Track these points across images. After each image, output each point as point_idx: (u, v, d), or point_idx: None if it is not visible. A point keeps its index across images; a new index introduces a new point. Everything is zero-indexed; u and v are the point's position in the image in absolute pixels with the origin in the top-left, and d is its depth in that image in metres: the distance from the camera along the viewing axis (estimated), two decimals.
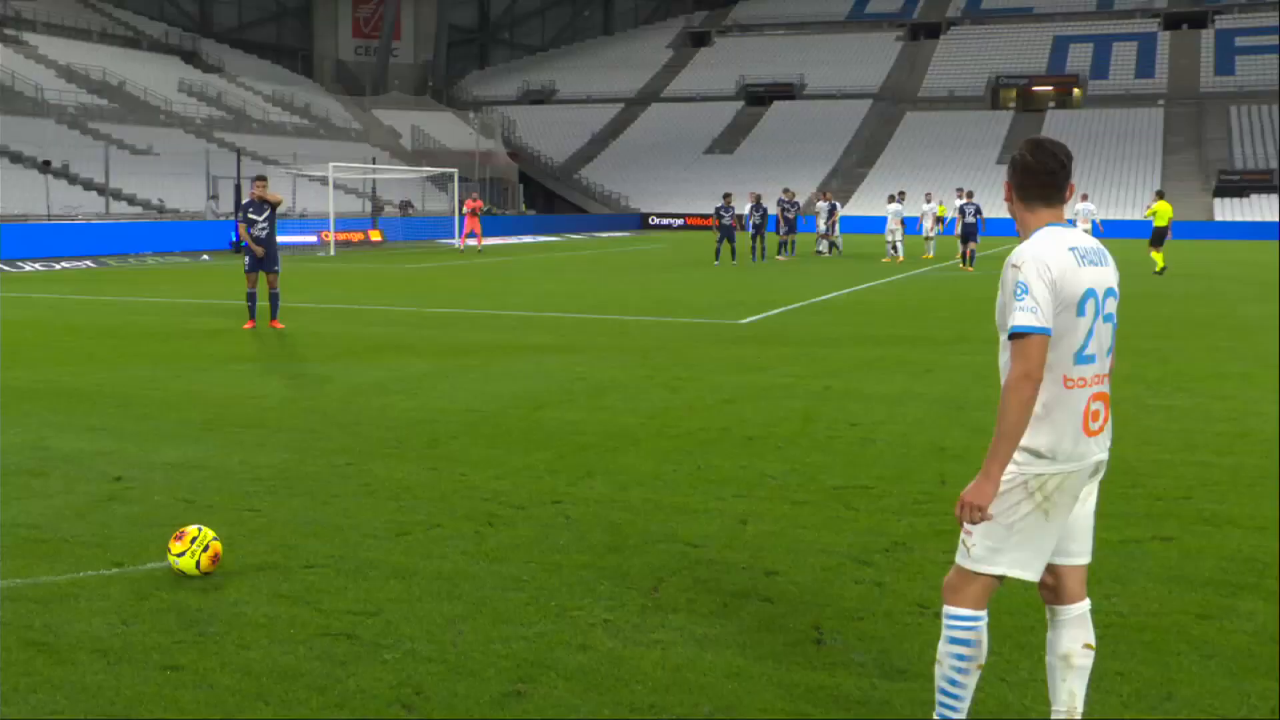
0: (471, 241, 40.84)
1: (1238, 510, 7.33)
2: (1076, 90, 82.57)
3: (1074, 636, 4.03)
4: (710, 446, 9.14)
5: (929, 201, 39.97)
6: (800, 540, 6.69)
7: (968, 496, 3.83)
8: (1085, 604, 4.07)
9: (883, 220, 40.53)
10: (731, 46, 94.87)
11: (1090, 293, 3.84)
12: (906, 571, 6.15)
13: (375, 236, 45.79)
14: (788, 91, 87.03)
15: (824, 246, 39.46)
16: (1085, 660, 4.02)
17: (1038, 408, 3.81)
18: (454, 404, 10.89)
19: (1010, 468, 3.84)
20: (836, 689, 4.70)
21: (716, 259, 34.32)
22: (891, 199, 38.24)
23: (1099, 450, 3.94)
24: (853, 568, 6.21)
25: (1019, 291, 3.77)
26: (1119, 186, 66.96)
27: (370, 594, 5.76)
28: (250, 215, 16.53)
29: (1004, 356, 3.94)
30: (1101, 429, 3.94)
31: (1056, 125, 77.39)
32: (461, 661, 4.95)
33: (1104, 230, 37.92)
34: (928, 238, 39.60)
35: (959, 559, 4.00)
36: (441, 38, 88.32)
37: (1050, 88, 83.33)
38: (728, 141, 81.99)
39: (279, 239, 17.20)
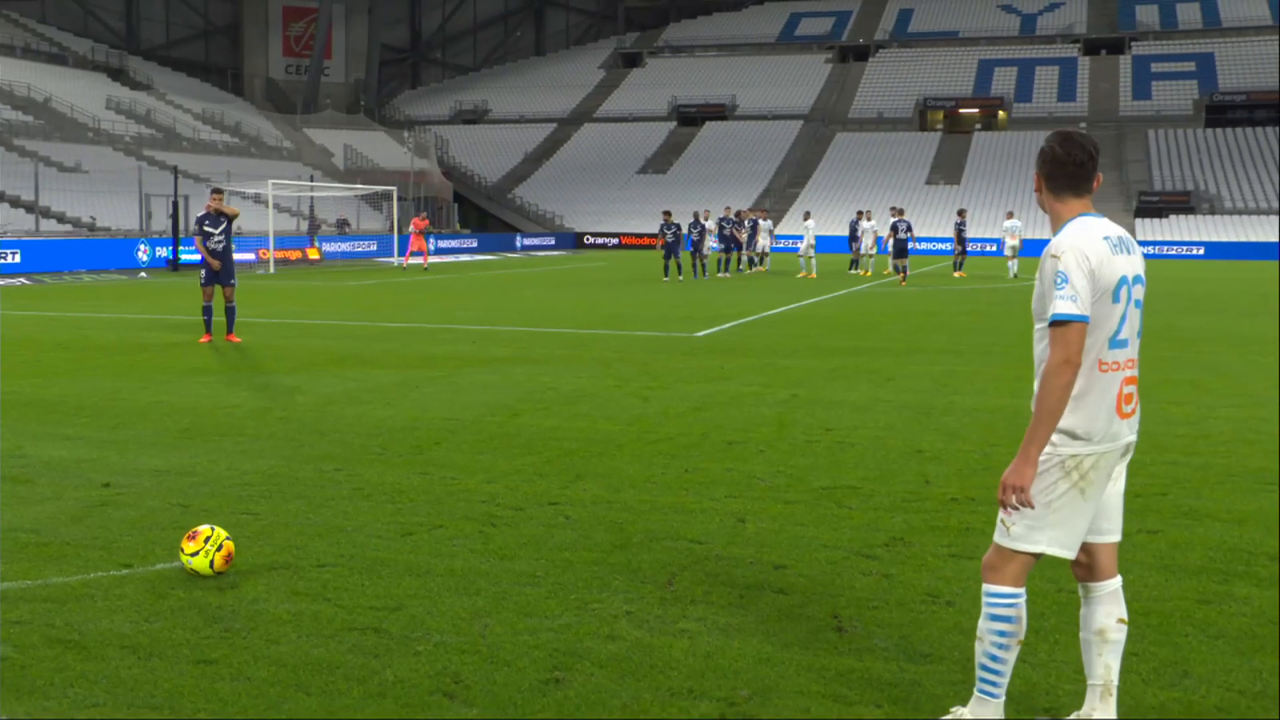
0: (416, 260, 40.71)
1: (1213, 505, 7.57)
2: (1001, 113, 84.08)
3: (1108, 612, 4.17)
4: (692, 451, 9.25)
5: (867, 220, 40.20)
6: (800, 536, 6.81)
7: (1008, 479, 3.95)
8: (1117, 580, 4.21)
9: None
10: (663, 67, 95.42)
11: (1123, 280, 3.99)
12: (910, 564, 6.29)
13: (314, 255, 45.44)
14: (719, 112, 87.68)
15: (751, 262, 40.27)
16: (1119, 634, 4.17)
17: (1074, 391, 3.95)
18: (429, 412, 10.90)
19: (1046, 449, 3.97)
20: (866, 672, 4.82)
21: (665, 275, 34.56)
22: (807, 216, 39.52)
23: (1130, 432, 4.09)
24: (857, 561, 6.34)
25: (1059, 280, 3.89)
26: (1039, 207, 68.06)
27: (388, 591, 5.79)
28: (207, 228, 16.38)
29: (1040, 344, 4.07)
30: (1133, 411, 4.09)
31: (982, 146, 78.80)
32: (494, 652, 5.00)
33: (1022, 249, 38.77)
34: (868, 255, 39.95)
35: (998, 538, 4.12)
36: (373, 57, 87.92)
37: (976, 110, 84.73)
38: (661, 161, 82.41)
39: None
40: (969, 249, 39.74)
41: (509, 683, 4.69)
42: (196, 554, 5.96)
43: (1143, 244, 62.24)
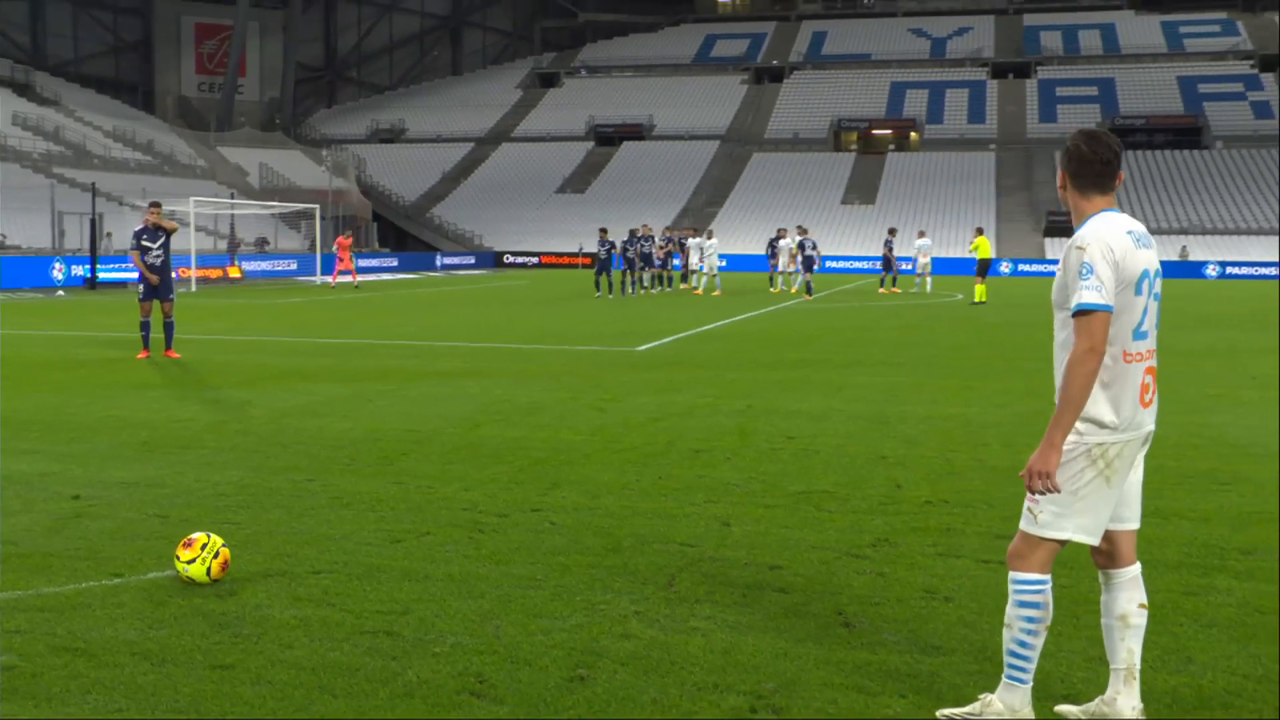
0: (345, 278, 40.35)
1: (1176, 505, 7.78)
2: (914, 134, 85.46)
3: (1130, 597, 4.29)
4: (660, 459, 9.30)
5: (784, 238, 40.38)
6: (787, 539, 6.89)
7: (1035, 465, 4.04)
8: (1137, 566, 4.33)
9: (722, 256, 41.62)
10: (580, 88, 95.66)
11: (1145, 273, 4.12)
12: (900, 563, 6.39)
13: (235, 273, 44.77)
14: (637, 132, 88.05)
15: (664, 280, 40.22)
16: (1141, 619, 4.29)
17: (1099, 381, 4.06)
18: (388, 424, 10.83)
19: (1072, 437, 4.07)
20: (882, 665, 4.89)
21: (597, 291, 34.64)
22: (708, 234, 39.82)
23: (1150, 421, 4.22)
24: (848, 561, 6.43)
25: (1084, 271, 4.00)
26: (957, 226, 69.39)
27: (391, 595, 5.76)
28: (145, 243, 16.11)
29: (1062, 334, 4.19)
30: (1152, 401, 4.21)
31: (896, 167, 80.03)
32: (512, 652, 5.00)
33: (933, 269, 39.55)
34: (784, 273, 40.19)
35: (1024, 526, 4.22)
36: (289, 75, 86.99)
37: (889, 131, 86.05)
38: (579, 181, 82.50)
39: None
40: (901, 267, 40.24)
41: (534, 681, 4.69)
42: (193, 561, 5.88)
43: (1051, 263, 63.66)
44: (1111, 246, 4.04)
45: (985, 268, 32.49)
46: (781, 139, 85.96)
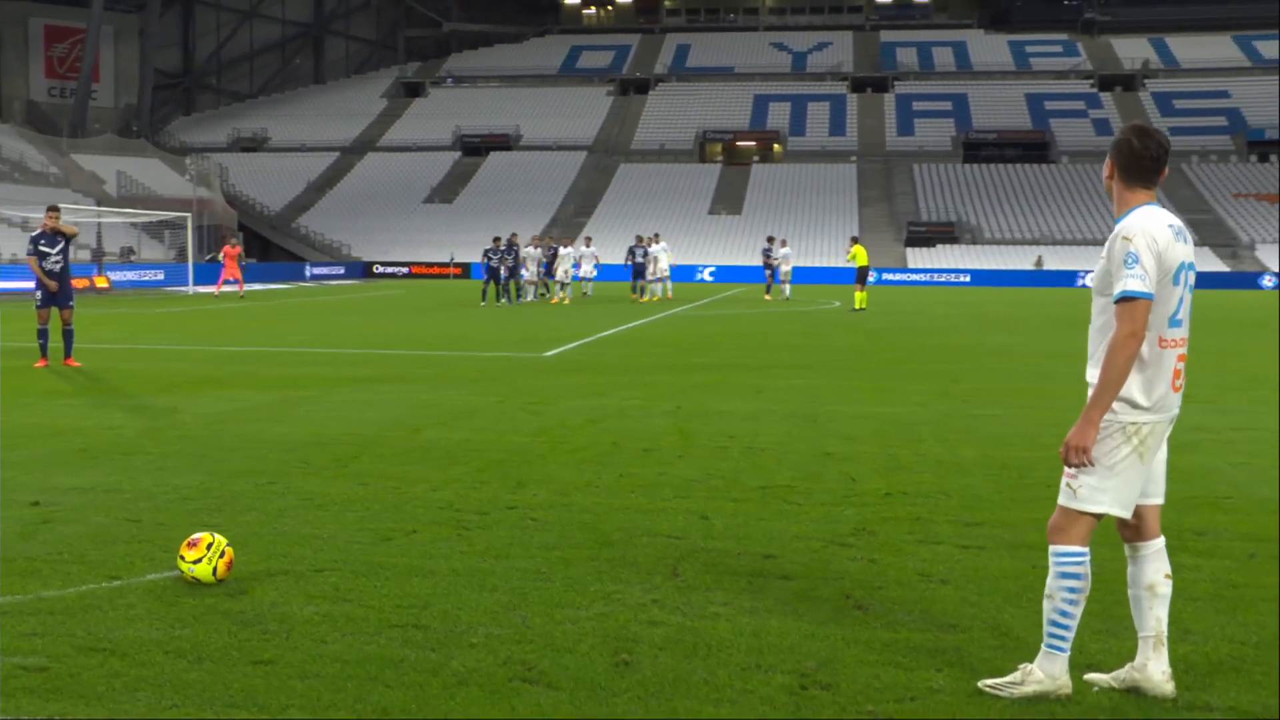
0: (230, 287, 39.48)
1: None
2: (777, 146, 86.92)
3: (1157, 568, 4.55)
4: (614, 458, 9.39)
5: (654, 244, 40.09)
6: (769, 530, 7.06)
7: (1072, 440, 4.28)
8: (1162, 539, 4.60)
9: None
10: (446, 97, 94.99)
11: (1183, 265, 4.38)
12: (887, 550, 6.61)
13: (102, 283, 43.38)
14: (504, 142, 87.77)
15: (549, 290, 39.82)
16: (1167, 588, 4.55)
17: (1142, 363, 4.32)
18: (327, 429, 10.71)
19: (1109, 416, 4.32)
20: (908, 642, 5.08)
21: (483, 299, 34.53)
22: (565, 244, 39.56)
23: (1177, 405, 4.49)
24: (836, 549, 6.62)
25: (1129, 260, 4.24)
26: (821, 236, 70.78)
27: (404, 590, 5.77)
28: (43, 248, 15.59)
29: (1100, 319, 4.43)
30: (1181, 386, 4.48)
31: (761, 178, 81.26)
32: (548, 641, 5.06)
33: (792, 277, 40.39)
34: (660, 280, 40.08)
35: (1063, 501, 4.45)
36: (146, 81, 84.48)
37: (753, 143, 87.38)
38: (447, 191, 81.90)
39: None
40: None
41: (581, 667, 4.76)
42: (199, 561, 5.80)
43: (914, 272, 65.43)
44: (1155, 238, 4.28)
45: (864, 275, 33.26)
46: (648, 150, 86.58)
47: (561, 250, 38.76)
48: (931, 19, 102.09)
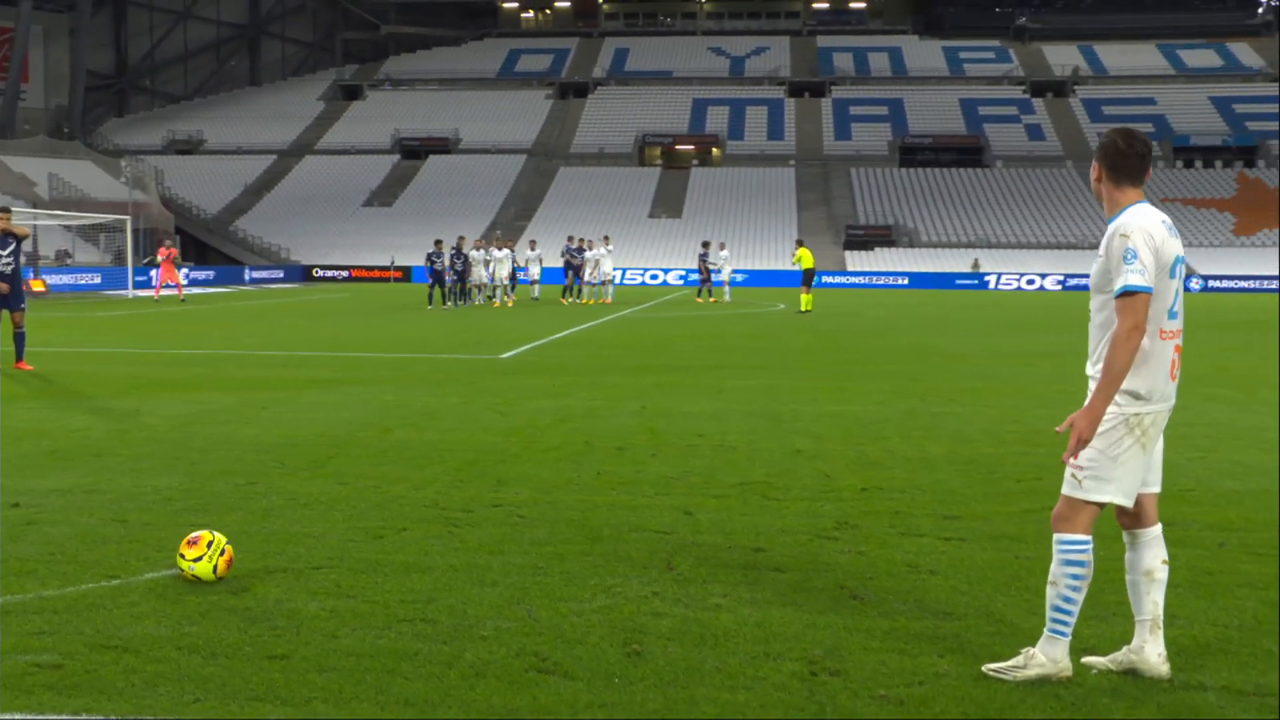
0: (169, 290, 39.02)
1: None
2: (716, 149, 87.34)
3: (1155, 554, 4.72)
4: (589, 457, 9.47)
5: (590, 249, 40.05)
6: (753, 524, 7.17)
7: (1083, 433, 4.39)
8: (1159, 526, 4.77)
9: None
10: (384, 100, 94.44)
11: (1177, 259, 4.55)
12: (872, 543, 6.75)
13: (38, 287, 42.68)
14: (443, 145, 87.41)
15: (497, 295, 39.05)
16: (1164, 574, 4.73)
17: (1144, 354, 4.47)
18: (297, 430, 10.68)
19: (1112, 409, 4.46)
20: (908, 630, 5.22)
21: (430, 303, 34.42)
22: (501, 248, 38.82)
23: (1175, 395, 4.65)
24: (822, 543, 6.75)
25: (1128, 256, 4.38)
26: (761, 239, 71.28)
27: (405, 586, 5.81)
28: None
29: (1101, 315, 4.57)
30: (1177, 376, 4.64)
31: (700, 181, 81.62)
32: (557, 633, 5.14)
33: (732, 280, 40.82)
34: (602, 283, 39.91)
35: (1068, 491, 4.60)
36: (77, 82, 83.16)
37: (692, 146, 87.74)
38: (386, 194, 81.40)
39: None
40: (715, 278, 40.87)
41: (594, 657, 4.85)
42: (200, 559, 5.82)
43: (853, 275, 66.05)
44: (1152, 234, 4.44)
45: (810, 278, 33.58)
46: (587, 153, 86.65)
47: (496, 253, 37.95)
48: (867, 24, 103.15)
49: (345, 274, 67.65)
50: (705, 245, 40.89)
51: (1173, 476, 8.68)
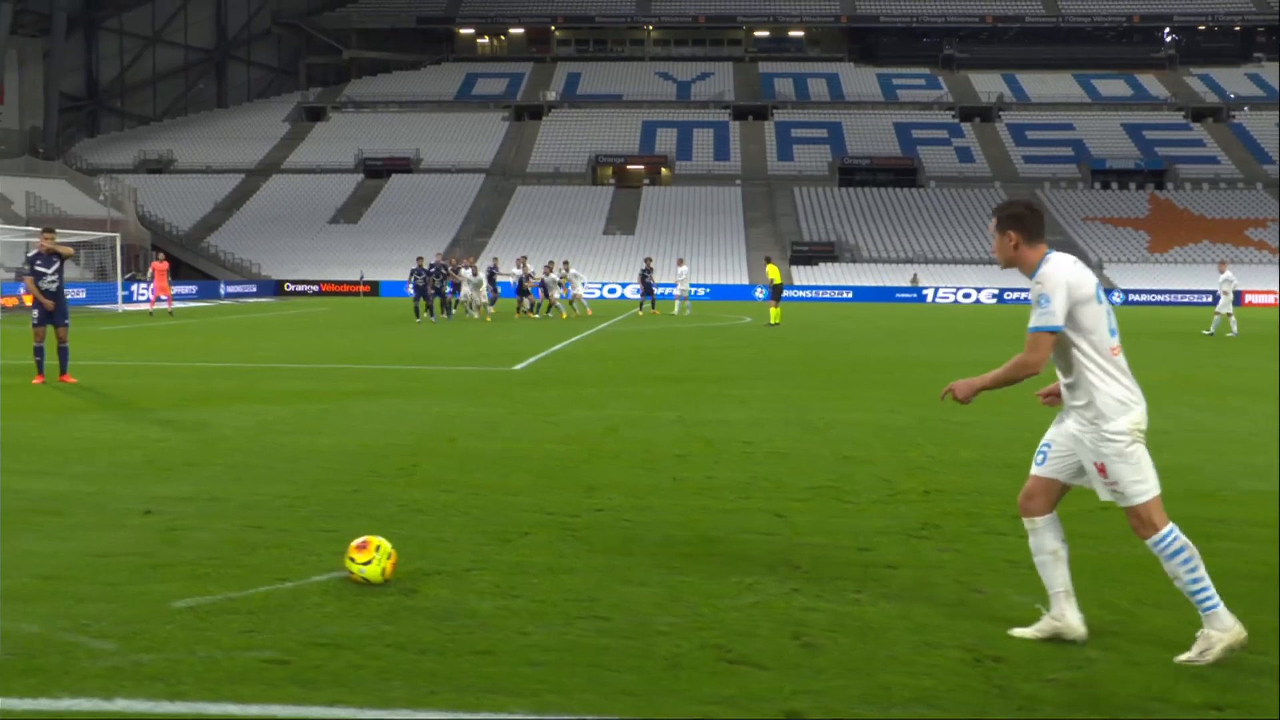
0: (161, 304, 38.63)
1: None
2: (665, 169, 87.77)
3: (1054, 535, 5.22)
4: (657, 463, 9.60)
5: (551, 272, 39.89)
6: (845, 526, 7.35)
7: (961, 395, 5.25)
8: (1055, 513, 5.25)
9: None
10: (347, 122, 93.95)
11: (1098, 285, 5.05)
12: (962, 540, 6.98)
13: (30, 302, 41.91)
14: (405, 165, 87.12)
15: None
16: (1066, 549, 5.23)
17: (1107, 372, 4.91)
18: (370, 440, 10.68)
19: (1123, 424, 4.87)
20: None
21: (417, 316, 34.38)
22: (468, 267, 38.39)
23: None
24: (917, 542, 6.95)
25: (1041, 300, 4.93)
26: (711, 255, 71.74)
27: (562, 586, 5.92)
28: (39, 268, 15.29)
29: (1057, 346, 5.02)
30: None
31: (651, 200, 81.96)
32: (726, 627, 5.29)
33: (690, 295, 41.19)
34: (572, 300, 39.85)
35: (1129, 504, 4.92)
36: (51, 104, 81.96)
37: (643, 167, 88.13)
38: (351, 212, 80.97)
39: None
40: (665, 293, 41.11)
41: (774, 649, 5.01)
42: (369, 562, 5.93)
43: (800, 289, 66.60)
44: (1065, 278, 4.93)
45: (779, 292, 33.92)
46: (543, 173, 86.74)
47: (464, 271, 37.64)
48: (806, 52, 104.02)
49: (316, 289, 67.21)
50: (648, 262, 41.58)
51: (1195, 479, 9.06)
